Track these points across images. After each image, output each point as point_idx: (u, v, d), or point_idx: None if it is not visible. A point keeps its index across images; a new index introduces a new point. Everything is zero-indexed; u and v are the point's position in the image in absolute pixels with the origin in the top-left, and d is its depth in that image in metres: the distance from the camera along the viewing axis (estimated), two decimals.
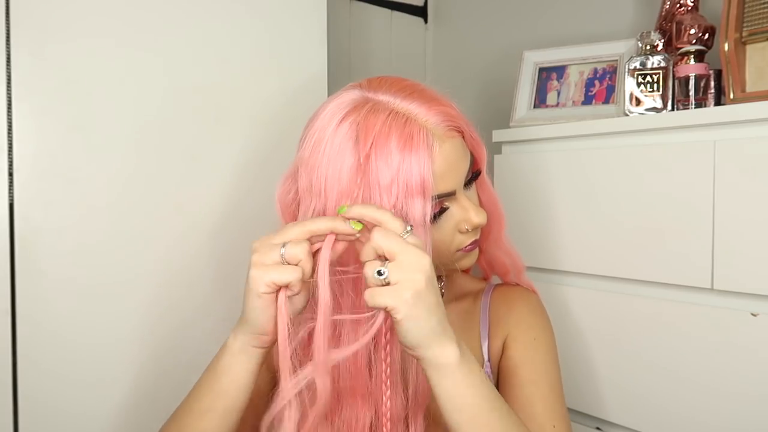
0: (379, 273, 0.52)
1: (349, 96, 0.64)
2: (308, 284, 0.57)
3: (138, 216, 0.84)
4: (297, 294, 0.57)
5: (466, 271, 0.83)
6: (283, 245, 0.55)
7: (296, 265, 0.55)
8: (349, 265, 0.60)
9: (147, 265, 0.85)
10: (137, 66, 0.83)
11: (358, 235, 0.56)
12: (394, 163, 0.58)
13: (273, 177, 0.96)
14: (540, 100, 1.08)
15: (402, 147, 0.58)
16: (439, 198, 0.62)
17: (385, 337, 0.58)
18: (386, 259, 0.53)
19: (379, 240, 0.53)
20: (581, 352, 0.92)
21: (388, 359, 0.59)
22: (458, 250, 0.68)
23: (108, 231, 0.81)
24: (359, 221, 0.55)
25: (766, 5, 0.79)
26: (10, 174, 0.75)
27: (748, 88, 0.80)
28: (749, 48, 0.81)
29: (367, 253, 0.54)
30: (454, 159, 0.64)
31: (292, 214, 0.67)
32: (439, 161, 0.61)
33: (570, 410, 0.94)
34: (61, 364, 0.79)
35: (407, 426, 0.65)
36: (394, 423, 0.61)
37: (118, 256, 0.82)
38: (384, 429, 0.59)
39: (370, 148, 0.58)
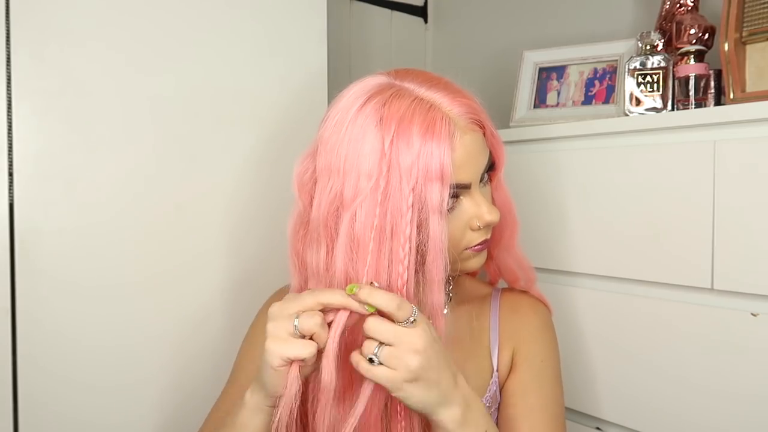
0: (371, 360, 0.55)
1: (374, 80, 0.64)
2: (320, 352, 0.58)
3: (138, 216, 0.84)
4: (310, 365, 0.58)
5: (473, 275, 0.82)
6: (297, 316, 0.55)
7: (310, 337, 0.56)
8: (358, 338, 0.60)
9: (146, 265, 0.85)
10: (137, 66, 0.83)
11: (369, 313, 0.56)
12: (415, 146, 0.58)
13: (273, 176, 0.96)
14: (540, 100, 1.08)
15: (424, 132, 0.59)
16: (456, 188, 0.62)
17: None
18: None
19: (371, 332, 0.55)
20: (581, 352, 0.92)
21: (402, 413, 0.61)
22: (467, 249, 0.67)
23: (108, 231, 0.81)
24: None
25: (766, 5, 0.79)
26: (10, 174, 0.75)
27: (748, 88, 0.80)
28: (749, 48, 0.81)
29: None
30: (474, 151, 0.64)
31: (309, 193, 0.66)
32: (459, 150, 0.62)
33: (570, 410, 0.94)
34: (61, 364, 0.79)
35: None
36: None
37: (117, 256, 0.82)
38: (399, 407, 0.60)
39: (393, 130, 0.59)
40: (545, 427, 0.69)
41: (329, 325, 0.57)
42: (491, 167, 0.69)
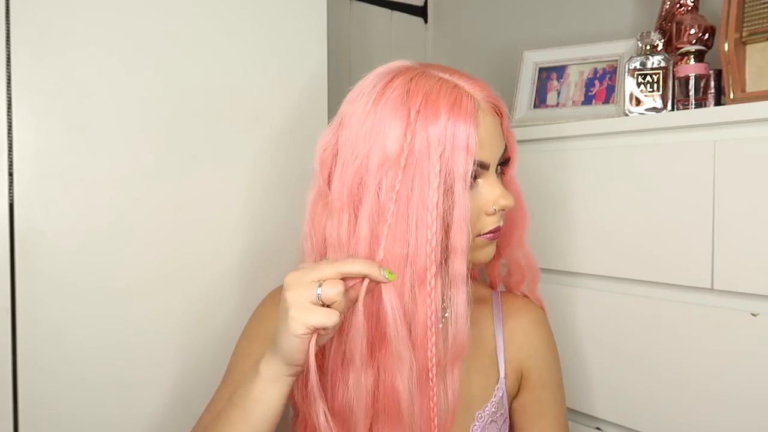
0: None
1: (398, 63, 0.68)
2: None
3: (138, 216, 0.83)
4: (329, 334, 0.58)
5: (473, 277, 0.82)
6: (319, 285, 0.55)
7: (331, 306, 0.56)
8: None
9: (146, 265, 0.85)
10: (137, 66, 0.83)
11: (389, 281, 0.58)
12: (442, 118, 0.61)
13: (274, 176, 0.96)
14: (540, 100, 1.08)
15: (450, 106, 0.61)
16: (477, 165, 0.64)
17: (429, 284, 0.60)
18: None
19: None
20: (580, 352, 0.92)
21: (432, 305, 0.61)
22: (479, 235, 0.68)
23: (108, 231, 0.81)
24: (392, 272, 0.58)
25: (766, 5, 0.79)
26: (10, 174, 0.75)
27: (748, 88, 0.80)
28: (749, 48, 0.81)
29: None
30: (494, 134, 0.66)
31: (329, 167, 0.68)
32: (482, 128, 0.64)
33: (570, 410, 0.94)
34: (61, 364, 0.79)
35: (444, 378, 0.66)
36: (440, 369, 0.62)
37: (117, 256, 0.82)
38: (430, 373, 0.61)
39: (420, 102, 0.61)
40: None
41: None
42: (505, 162, 0.70)
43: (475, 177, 0.65)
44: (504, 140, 0.68)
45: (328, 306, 0.55)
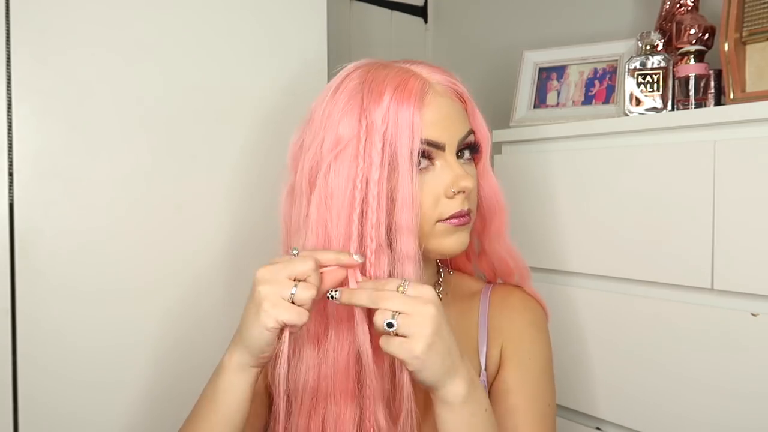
0: (389, 325, 0.55)
1: (367, 59, 0.70)
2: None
3: (138, 216, 0.83)
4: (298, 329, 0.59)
5: (469, 273, 0.82)
6: (295, 285, 0.56)
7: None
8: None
9: (146, 265, 0.85)
10: (137, 66, 0.83)
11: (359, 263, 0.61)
12: (385, 100, 0.62)
13: (273, 176, 0.96)
14: (540, 100, 1.08)
15: (394, 88, 0.63)
16: (428, 144, 0.64)
17: (369, 261, 0.62)
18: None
19: (384, 302, 0.56)
20: (580, 352, 0.92)
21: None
22: (440, 220, 0.66)
23: (108, 231, 0.81)
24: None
25: (766, 5, 0.79)
26: (10, 174, 0.75)
27: (748, 88, 0.80)
28: (749, 48, 0.81)
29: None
30: (449, 114, 0.66)
31: (298, 160, 0.69)
32: (431, 108, 0.64)
33: (570, 410, 0.94)
34: (62, 364, 0.79)
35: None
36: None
37: (117, 256, 0.82)
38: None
39: (368, 89, 0.64)
40: (529, 428, 0.67)
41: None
42: (475, 149, 0.69)
43: (430, 158, 0.65)
44: (468, 124, 0.68)
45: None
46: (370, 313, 0.60)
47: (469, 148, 0.69)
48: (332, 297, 0.60)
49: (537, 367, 0.71)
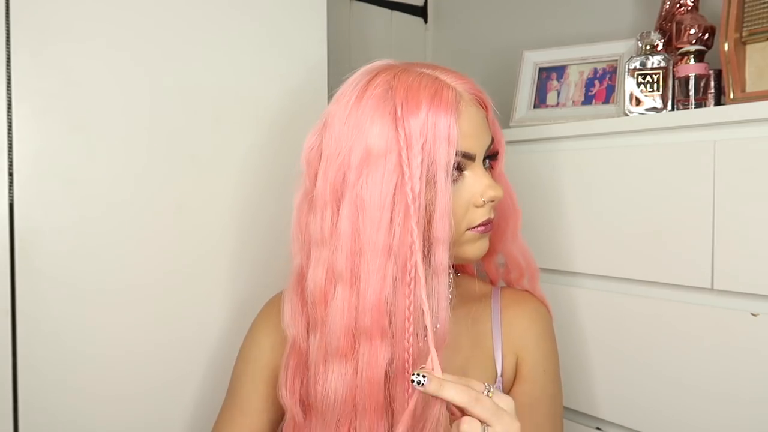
0: None
1: (381, 62, 0.69)
2: None
3: (138, 216, 0.83)
4: None
5: (472, 274, 0.82)
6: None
7: None
8: None
9: (147, 266, 0.85)
10: (137, 66, 0.83)
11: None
12: (423, 110, 0.61)
13: (274, 176, 0.96)
14: (540, 100, 1.08)
15: (431, 97, 0.62)
16: (462, 156, 0.64)
17: (409, 275, 0.60)
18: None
19: (479, 410, 0.52)
20: (580, 352, 0.92)
21: (411, 296, 0.60)
22: (469, 228, 0.67)
23: (108, 231, 0.81)
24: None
25: (766, 5, 0.79)
26: (10, 174, 0.75)
27: (748, 88, 0.80)
28: (749, 48, 0.81)
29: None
30: (478, 125, 0.66)
31: (314, 168, 0.68)
32: (464, 119, 0.64)
33: (570, 410, 0.94)
34: (62, 365, 0.79)
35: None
36: (416, 360, 0.61)
37: (118, 256, 0.82)
38: (407, 365, 0.61)
39: (402, 97, 0.62)
40: None
41: None
42: (494, 156, 0.70)
43: (461, 169, 0.65)
44: (490, 132, 0.69)
45: None
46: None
47: (490, 156, 0.69)
48: (419, 383, 0.53)
49: (551, 380, 0.74)
